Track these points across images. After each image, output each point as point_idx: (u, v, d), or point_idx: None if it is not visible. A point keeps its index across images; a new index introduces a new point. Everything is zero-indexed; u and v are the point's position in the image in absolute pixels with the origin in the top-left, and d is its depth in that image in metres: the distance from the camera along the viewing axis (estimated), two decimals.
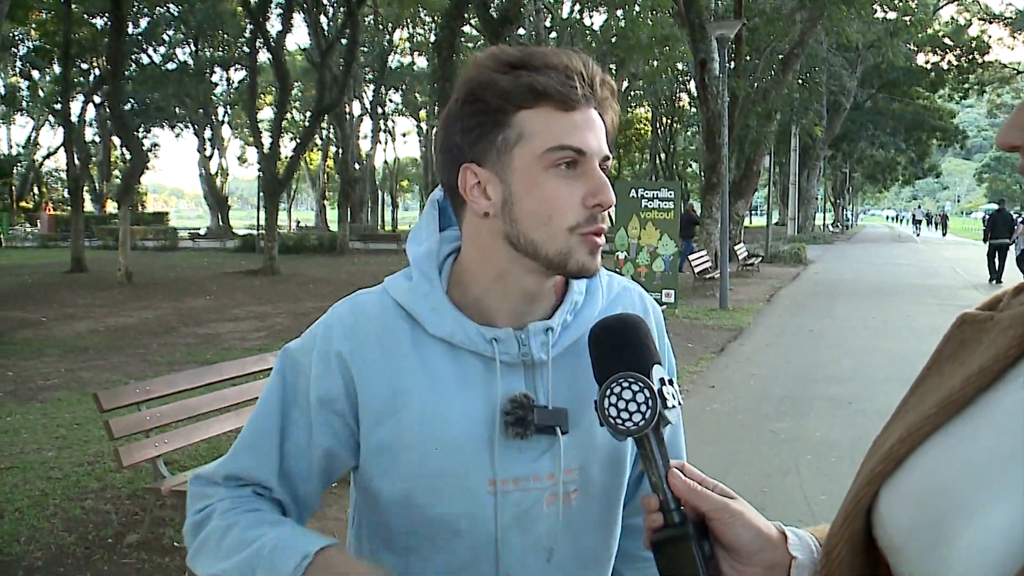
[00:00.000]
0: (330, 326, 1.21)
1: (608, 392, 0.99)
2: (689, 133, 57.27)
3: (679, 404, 1.00)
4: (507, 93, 1.10)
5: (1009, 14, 47.45)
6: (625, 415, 0.97)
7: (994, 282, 20.71)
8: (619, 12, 32.68)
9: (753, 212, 67.77)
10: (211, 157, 50.65)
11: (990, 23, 48.15)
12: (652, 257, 14.57)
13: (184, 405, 4.50)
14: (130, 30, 29.29)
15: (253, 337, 12.35)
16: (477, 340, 1.16)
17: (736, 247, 22.46)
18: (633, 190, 15.09)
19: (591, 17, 38.06)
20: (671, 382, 1.01)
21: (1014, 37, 49.03)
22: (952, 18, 48.00)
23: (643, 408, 0.97)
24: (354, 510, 1.30)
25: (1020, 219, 22.21)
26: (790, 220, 45.02)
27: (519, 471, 1.17)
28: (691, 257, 18.45)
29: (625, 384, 0.99)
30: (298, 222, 63.72)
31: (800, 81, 29.56)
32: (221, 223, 49.25)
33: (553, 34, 34.30)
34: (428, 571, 1.20)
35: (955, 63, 46.00)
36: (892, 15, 34.34)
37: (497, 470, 1.15)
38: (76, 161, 24.67)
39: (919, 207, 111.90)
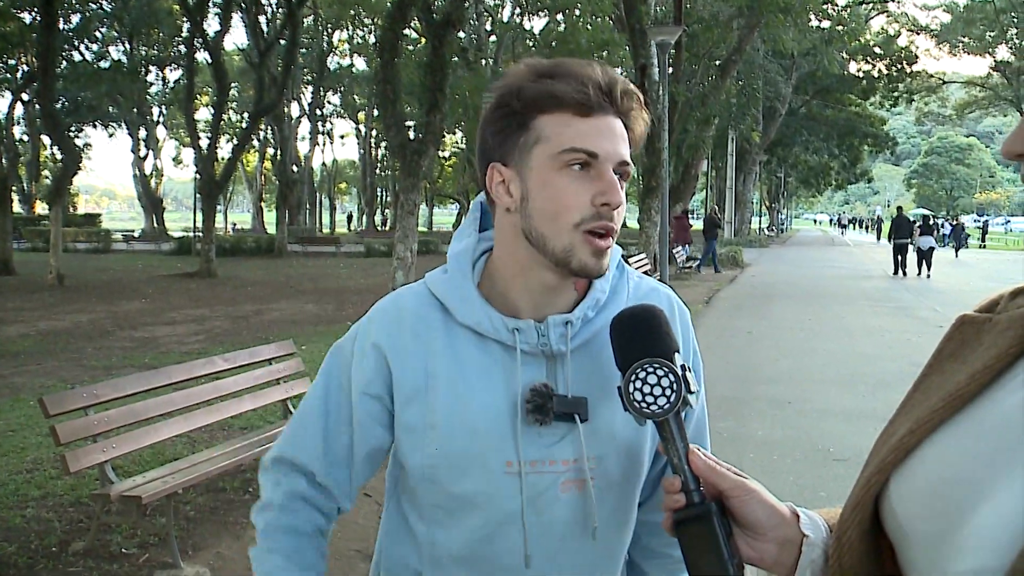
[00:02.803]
0: (371, 319, 1.34)
1: (633, 377, 1.04)
2: None
3: (698, 390, 1.06)
4: (529, 99, 1.19)
5: (934, 26, 48.96)
6: (650, 399, 1.03)
7: (899, 274, 24.63)
8: (559, 16, 32.93)
9: (691, 215, 68.71)
10: (145, 158, 49.66)
11: (917, 34, 49.63)
12: None
13: (132, 409, 4.43)
14: (61, 25, 28.57)
15: (191, 340, 12.17)
16: (501, 329, 1.25)
17: (675, 250, 22.76)
18: None
19: (531, 21, 38.26)
20: (690, 368, 1.06)
21: (939, 48, 50.61)
22: (883, 28, 49.32)
23: (668, 392, 1.03)
24: (391, 481, 1.41)
25: (917, 223, 25.83)
26: (727, 224, 45.75)
27: (536, 455, 1.24)
28: (631, 260, 18.68)
29: (650, 369, 1.05)
30: (234, 224, 62.72)
31: (737, 87, 30.04)
32: (156, 225, 48.37)
33: (493, 37, 34.41)
34: (450, 541, 1.29)
35: (885, 72, 47.30)
36: (826, 24, 35.16)
37: (513, 453, 1.23)
38: (3, 161, 24.03)
39: (845, 212, 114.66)
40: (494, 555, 1.27)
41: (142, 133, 49.30)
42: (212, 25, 26.07)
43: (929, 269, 24.75)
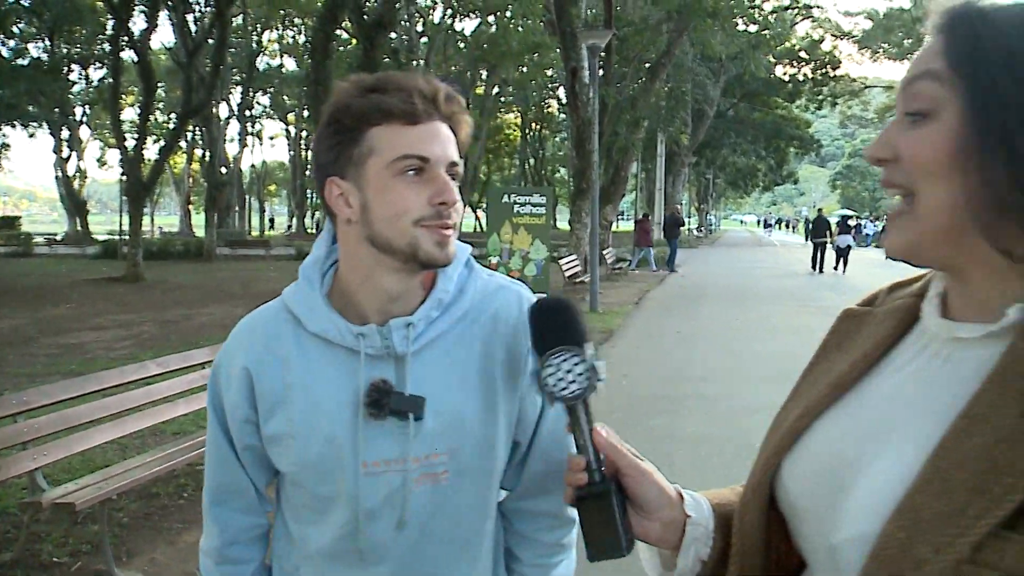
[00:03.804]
0: (229, 344, 1.42)
1: (547, 363, 1.11)
2: (558, 139, 58.21)
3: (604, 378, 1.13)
4: (359, 113, 1.27)
5: (857, 32, 50.30)
6: (562, 384, 1.10)
7: (817, 271, 26.49)
8: (491, 18, 33.04)
9: (621, 217, 69.37)
10: (68, 159, 48.22)
11: (841, 39, 50.93)
12: (524, 262, 14.83)
13: (63, 416, 4.36)
14: None
15: (119, 346, 11.93)
16: (346, 335, 1.31)
17: (605, 251, 23.03)
18: (506, 196, 15.34)
19: (462, 23, 38.28)
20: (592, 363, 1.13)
21: (862, 54, 52.03)
22: (807, 33, 50.43)
23: (580, 378, 1.10)
24: (276, 488, 1.49)
25: (836, 221, 28.44)
26: (656, 225, 46.30)
27: (388, 454, 1.32)
28: (562, 262, 18.81)
29: (566, 356, 1.11)
30: (160, 228, 61.39)
31: (667, 90, 30.47)
32: (80, 228, 47.08)
33: (425, 39, 34.36)
34: (320, 538, 1.38)
35: (810, 76, 48.48)
36: (753, 28, 35.85)
37: (367, 454, 1.31)
38: None
39: (772, 213, 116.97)
40: (357, 549, 1.35)
41: (64, 133, 47.90)
42: (138, 23, 25.54)
43: (846, 267, 26.54)
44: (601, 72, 20.08)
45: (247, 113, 52.00)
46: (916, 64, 0.83)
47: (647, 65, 27.11)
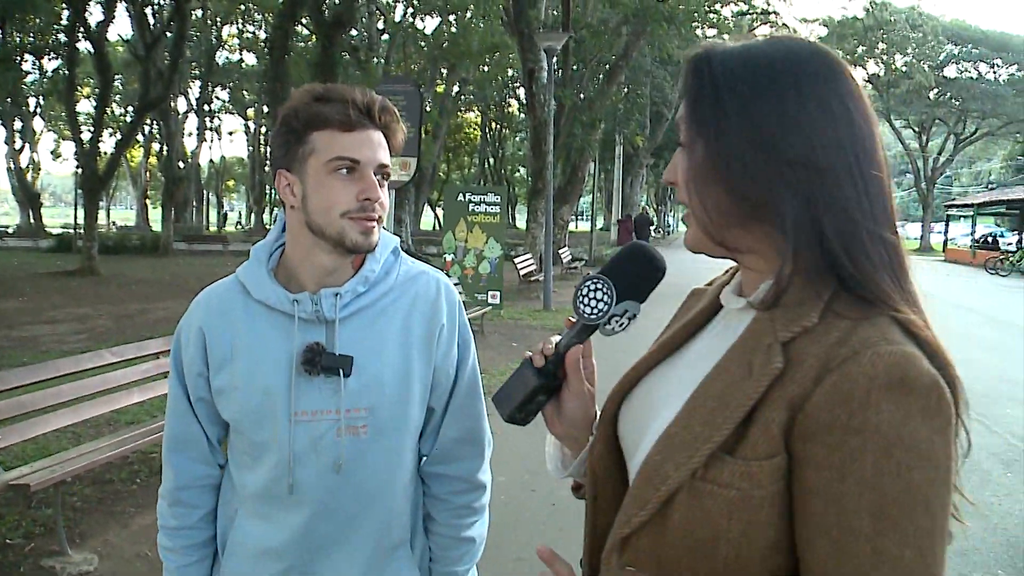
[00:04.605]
0: (190, 310, 1.67)
1: (585, 283, 1.24)
2: (517, 139, 58.41)
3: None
4: (305, 118, 1.53)
5: (813, 39, 51.03)
6: (583, 304, 1.23)
7: None
8: (451, 18, 33.12)
9: (578, 217, 69.82)
10: (21, 150, 47.52)
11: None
12: (479, 260, 15.05)
13: (19, 402, 4.50)
14: None
15: (73, 339, 11.93)
16: (284, 302, 1.57)
17: (560, 251, 23.27)
18: (461, 194, 15.56)
19: (423, 21, 38.32)
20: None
21: None
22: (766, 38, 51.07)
23: (595, 308, 1.22)
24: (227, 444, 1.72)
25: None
26: (613, 225, 46.67)
27: (313, 405, 1.57)
28: (516, 260, 19.02)
29: (601, 287, 1.22)
30: (115, 222, 60.57)
31: (624, 92, 30.83)
32: (32, 221, 46.40)
33: (385, 37, 34.35)
34: (255, 481, 1.61)
35: None
36: (712, 32, 36.28)
37: (297, 404, 1.55)
38: None
39: None
40: (282, 489, 1.59)
41: (17, 124, 47.21)
42: (95, 14, 25.27)
43: None
44: (559, 73, 20.35)
45: (206, 107, 51.54)
46: (682, 106, 1.08)
47: (605, 67, 27.39)
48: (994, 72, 53.17)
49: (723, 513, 0.93)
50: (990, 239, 41.14)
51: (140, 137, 44.26)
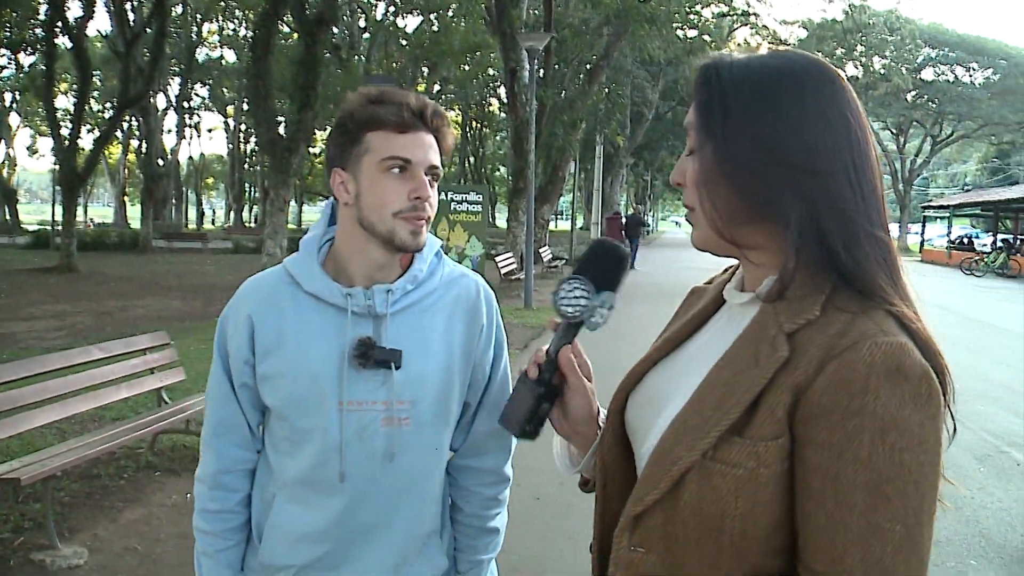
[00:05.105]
0: (237, 296, 1.72)
1: (564, 283, 1.33)
2: (498, 138, 58.48)
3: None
4: (360, 120, 1.60)
5: (792, 41, 51.40)
6: (564, 302, 1.32)
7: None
8: (433, 17, 33.15)
9: (559, 216, 69.89)
10: None
11: (778, 47, 51.89)
12: (460, 258, 15.10)
13: (8, 396, 4.52)
14: None
15: (52, 336, 11.88)
16: (336, 295, 1.63)
17: (541, 249, 23.38)
18: (443, 193, 15.57)
19: (404, 20, 38.28)
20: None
21: None
22: (746, 40, 51.32)
23: (576, 305, 1.31)
24: (263, 431, 1.76)
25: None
26: (594, 225, 46.74)
27: (361, 396, 1.63)
28: (498, 259, 19.07)
29: (577, 285, 1.31)
30: (92, 219, 60.05)
31: (605, 92, 30.92)
32: (9, 217, 45.96)
33: (367, 35, 34.33)
34: (295, 466, 1.66)
35: None
36: (693, 33, 36.44)
37: (344, 394, 1.61)
38: None
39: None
40: (325, 476, 1.65)
41: None
42: (73, 10, 25.05)
43: None
44: (540, 73, 20.41)
45: (185, 105, 51.33)
46: (690, 112, 1.15)
47: (586, 67, 27.48)
48: (970, 75, 53.79)
49: (731, 491, 1.01)
50: (966, 240, 41.63)
51: (119, 134, 44.00)
